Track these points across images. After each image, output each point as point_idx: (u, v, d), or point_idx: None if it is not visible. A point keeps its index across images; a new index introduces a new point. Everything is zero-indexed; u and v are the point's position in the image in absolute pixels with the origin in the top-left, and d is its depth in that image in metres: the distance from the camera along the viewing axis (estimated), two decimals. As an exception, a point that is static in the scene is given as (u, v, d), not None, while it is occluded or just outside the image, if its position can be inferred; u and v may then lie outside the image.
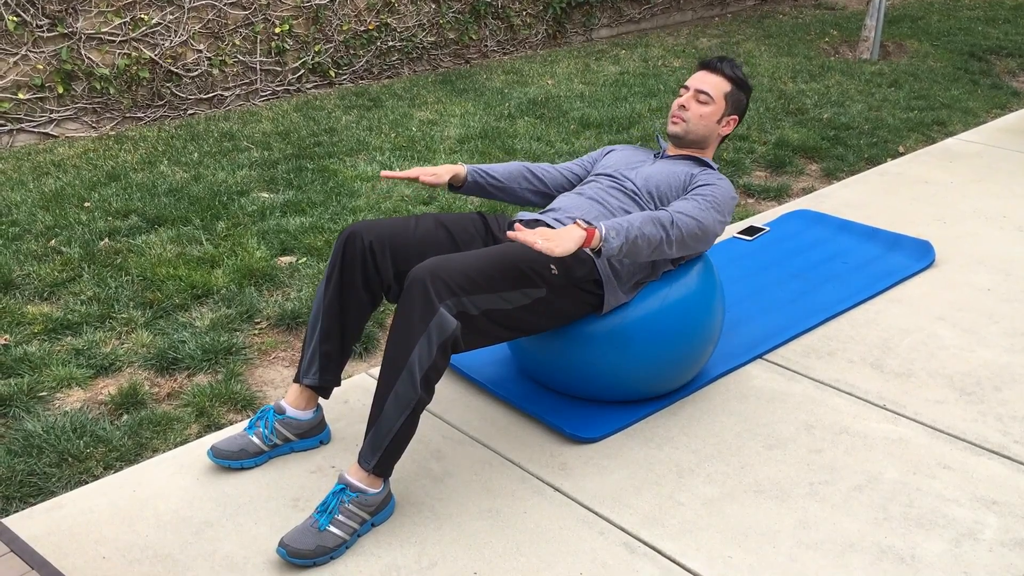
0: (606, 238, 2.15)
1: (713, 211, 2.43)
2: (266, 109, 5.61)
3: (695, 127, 2.62)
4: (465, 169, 2.62)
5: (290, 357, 2.97)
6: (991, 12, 8.84)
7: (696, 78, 2.65)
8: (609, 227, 2.17)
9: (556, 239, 2.05)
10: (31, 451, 2.45)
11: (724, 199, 2.49)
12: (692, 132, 2.62)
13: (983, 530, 2.15)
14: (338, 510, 2.08)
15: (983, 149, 4.92)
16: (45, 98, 4.97)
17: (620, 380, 2.51)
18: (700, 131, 2.62)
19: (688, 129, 2.62)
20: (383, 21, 6.28)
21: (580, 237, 2.09)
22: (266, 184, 4.36)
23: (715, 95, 2.61)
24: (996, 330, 3.05)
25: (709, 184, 2.50)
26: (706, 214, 2.41)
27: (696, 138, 2.63)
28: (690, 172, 2.57)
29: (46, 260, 3.52)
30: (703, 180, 2.53)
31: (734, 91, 2.64)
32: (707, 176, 2.55)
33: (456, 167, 2.60)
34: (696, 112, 2.61)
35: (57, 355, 2.90)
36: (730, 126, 2.67)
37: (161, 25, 5.27)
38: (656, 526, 2.17)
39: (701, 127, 2.62)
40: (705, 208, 2.42)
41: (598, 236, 2.14)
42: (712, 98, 2.61)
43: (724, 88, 2.62)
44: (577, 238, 2.09)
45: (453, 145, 4.92)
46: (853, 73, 6.58)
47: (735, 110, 2.66)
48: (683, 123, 2.62)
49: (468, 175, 2.63)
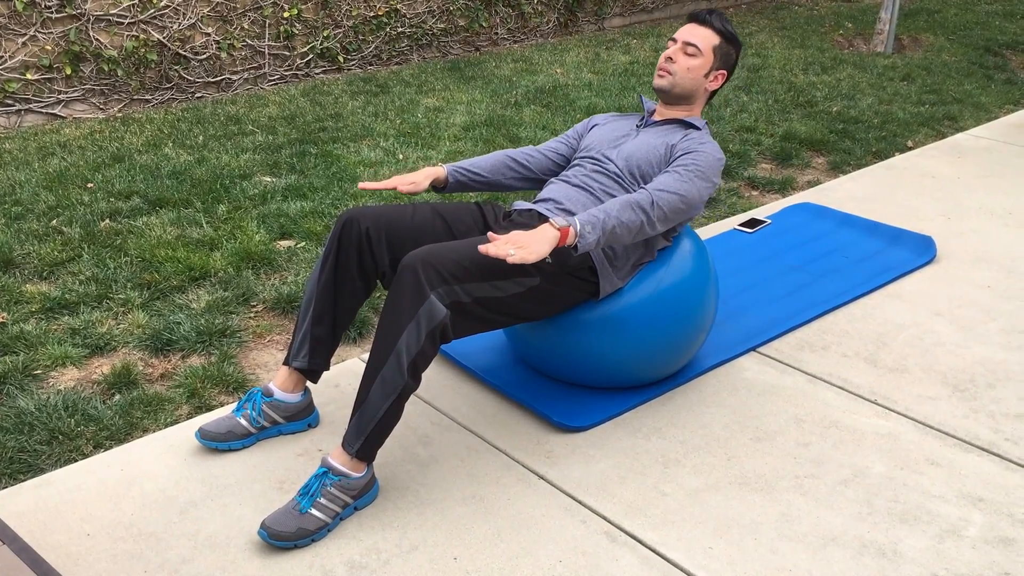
0: (581, 233, 2.12)
1: (697, 179, 2.37)
2: (273, 93, 5.62)
3: (682, 79, 2.54)
4: (445, 170, 2.59)
5: (284, 341, 2.98)
6: (1009, 6, 8.74)
7: (684, 31, 2.57)
8: (584, 221, 2.14)
9: (528, 245, 2.02)
10: (22, 428, 2.47)
11: (709, 164, 2.41)
12: (679, 85, 2.55)
13: (967, 527, 2.13)
14: (320, 493, 2.09)
15: (992, 144, 4.87)
16: (53, 79, 4.99)
17: (613, 365, 2.51)
18: (687, 84, 2.54)
19: (675, 82, 2.54)
20: (392, 7, 6.26)
21: (554, 238, 2.06)
22: (269, 168, 4.36)
23: (703, 47, 2.53)
24: (994, 327, 3.03)
25: (691, 151, 2.43)
26: (689, 185, 2.35)
27: (683, 92, 2.56)
28: (670, 143, 2.50)
29: (47, 240, 3.54)
30: (685, 147, 2.45)
31: (723, 44, 2.56)
32: (689, 142, 2.47)
33: (435, 169, 2.56)
34: (684, 64, 2.53)
35: (53, 334, 2.93)
36: (718, 81, 2.59)
37: (170, 7, 5.28)
38: (639, 516, 2.16)
39: (688, 80, 2.54)
40: (688, 179, 2.36)
41: (573, 233, 2.11)
42: (700, 50, 2.53)
43: (713, 41, 2.54)
44: (551, 239, 2.06)
45: (458, 132, 4.91)
46: (866, 66, 6.53)
47: (723, 64, 2.58)
48: (669, 76, 2.54)
49: (449, 175, 2.59)
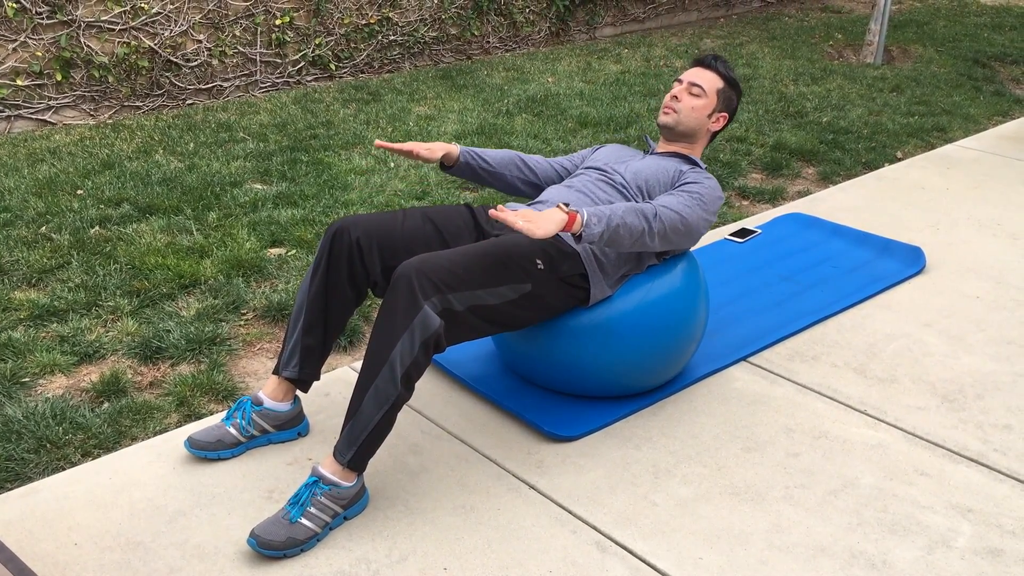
0: (587, 223, 2.16)
1: (699, 208, 2.44)
2: (265, 101, 5.61)
3: (686, 118, 2.62)
4: (459, 149, 2.64)
5: (274, 349, 2.97)
6: (998, 19, 8.81)
7: (690, 72, 2.67)
8: (591, 213, 2.18)
9: (537, 220, 2.06)
10: (10, 436, 2.45)
11: (710, 197, 2.50)
12: (683, 123, 2.63)
13: (956, 538, 2.14)
14: (310, 502, 2.08)
15: (982, 156, 4.90)
16: (43, 85, 4.98)
17: (603, 374, 2.51)
18: (691, 123, 2.63)
19: (679, 120, 2.63)
20: (384, 15, 6.27)
21: (561, 220, 2.10)
22: (260, 176, 4.36)
23: (708, 89, 2.63)
24: (982, 338, 3.04)
25: (696, 182, 2.52)
26: (691, 210, 2.42)
27: (686, 130, 2.63)
28: (679, 168, 2.58)
29: (36, 246, 3.52)
30: (691, 178, 2.54)
31: (726, 89, 2.66)
32: (695, 174, 2.56)
33: (450, 146, 2.62)
34: (688, 104, 2.62)
35: (42, 341, 2.91)
36: (719, 123, 2.68)
37: (161, 14, 5.27)
38: (629, 526, 2.16)
39: (692, 119, 2.62)
40: (691, 204, 2.43)
41: (579, 221, 2.15)
42: (705, 92, 2.62)
43: (717, 84, 2.64)
44: (559, 221, 2.09)
45: (449, 140, 4.91)
46: (855, 77, 6.56)
47: (725, 107, 2.67)
48: (675, 113, 2.63)
49: (460, 155, 2.64)
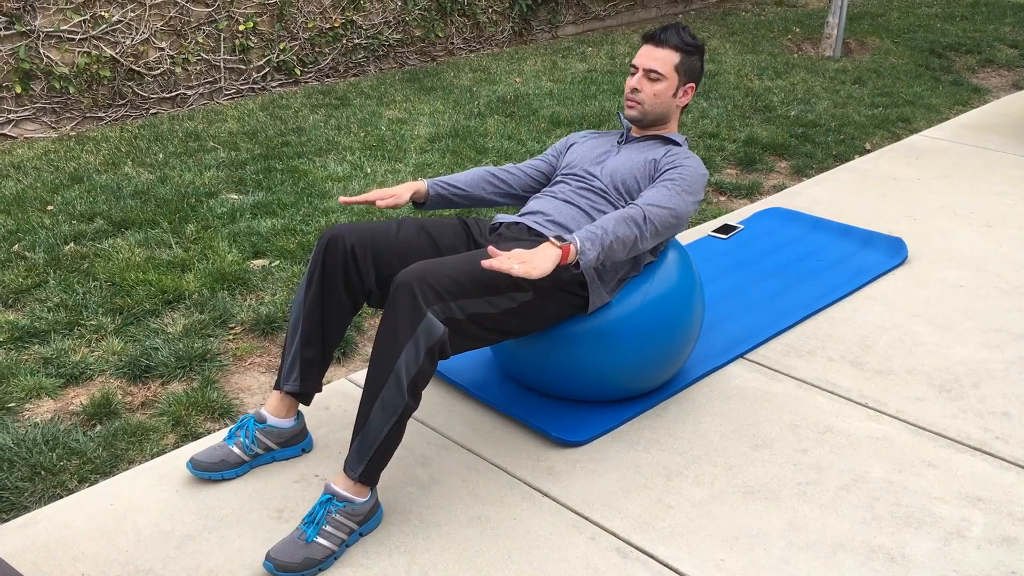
0: (582, 251, 2.14)
1: (684, 194, 2.39)
2: (231, 108, 5.51)
3: (651, 107, 2.53)
4: (426, 184, 2.57)
5: (267, 363, 2.91)
6: (948, 9, 8.98)
7: (643, 55, 2.53)
8: (584, 238, 2.16)
9: (532, 261, 2.03)
10: (1, 465, 2.37)
11: (694, 178, 2.43)
12: (649, 113, 2.54)
13: (970, 528, 2.16)
14: (325, 520, 2.04)
15: (948, 145, 4.99)
16: (3, 98, 4.83)
17: (602, 378, 2.50)
18: (658, 110, 2.54)
19: (644, 111, 2.54)
20: (348, 18, 6.20)
21: (556, 256, 2.07)
22: (235, 185, 4.28)
23: (665, 70, 2.50)
24: (971, 326, 3.09)
25: (676, 166, 2.44)
26: (677, 199, 2.37)
27: (655, 117, 2.56)
28: (653, 158, 2.50)
29: (9, 266, 3.41)
30: (670, 162, 2.46)
31: (684, 59, 2.51)
32: (673, 157, 2.47)
33: (416, 184, 2.55)
34: (649, 92, 2.51)
35: (25, 364, 2.82)
36: (688, 95, 2.57)
37: (122, 23, 5.15)
38: (647, 530, 2.15)
39: (658, 106, 2.53)
40: (676, 193, 2.38)
41: (574, 251, 2.13)
42: (663, 74, 2.50)
43: (673, 60, 2.50)
44: (553, 257, 2.07)
45: (424, 144, 4.87)
46: (817, 70, 6.64)
47: (690, 78, 2.55)
48: (639, 106, 2.53)
49: (429, 189, 2.57)
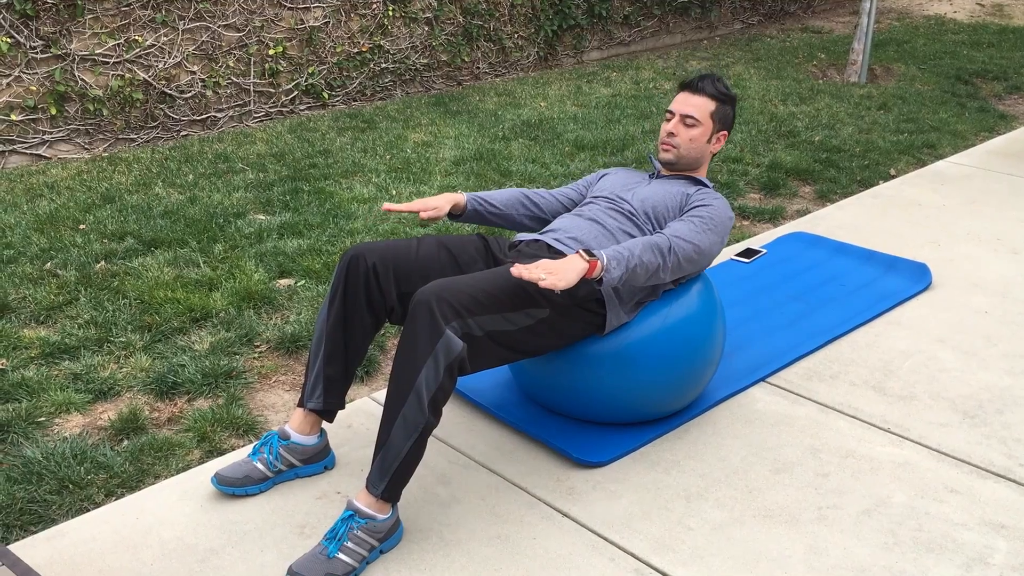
0: (607, 268, 2.17)
1: (711, 233, 2.45)
2: (260, 131, 5.60)
3: (686, 152, 2.62)
4: (465, 198, 2.63)
5: (291, 381, 2.95)
6: (975, 36, 8.95)
7: (680, 102, 2.62)
8: (611, 256, 2.19)
9: (559, 272, 2.05)
10: (31, 478, 2.41)
11: (721, 220, 2.49)
12: (684, 157, 2.62)
13: (993, 554, 2.15)
14: (347, 537, 2.06)
15: (974, 172, 4.97)
16: (38, 119, 4.95)
17: (622, 401, 2.51)
18: (692, 155, 2.62)
19: (680, 155, 2.62)
20: (376, 43, 6.29)
21: (582, 269, 2.10)
22: (262, 206, 4.34)
23: (701, 117, 2.59)
24: (995, 352, 3.07)
25: (706, 205, 2.50)
26: (703, 236, 2.42)
27: (689, 162, 2.64)
28: (686, 192, 2.58)
29: (42, 283, 3.48)
30: (699, 200, 2.53)
31: (719, 108, 2.62)
32: (704, 195, 2.54)
33: (456, 196, 2.60)
34: (685, 137, 2.60)
35: (55, 379, 2.87)
36: (720, 142, 2.66)
37: (155, 47, 5.26)
38: (667, 552, 2.15)
39: (692, 151, 2.62)
40: (702, 231, 2.43)
41: (600, 267, 2.15)
42: (699, 120, 2.59)
43: (709, 108, 2.60)
44: (580, 270, 2.09)
45: (448, 167, 4.92)
46: (842, 96, 6.64)
47: (723, 126, 2.65)
48: (674, 149, 2.61)
49: (468, 203, 2.63)
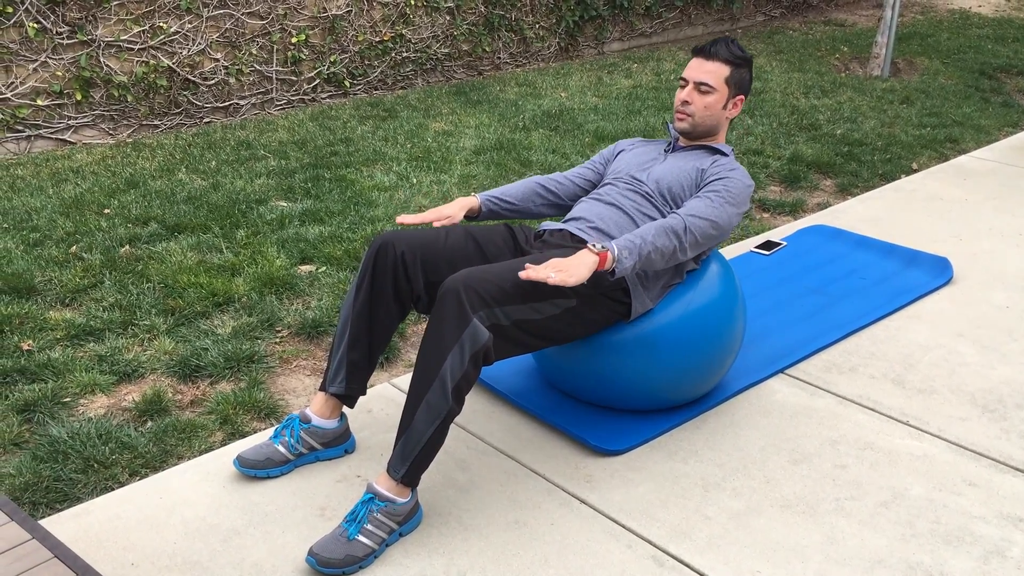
0: (619, 258, 2.17)
1: (728, 206, 2.42)
2: (282, 118, 5.63)
3: (702, 119, 2.56)
4: (479, 200, 2.62)
5: (312, 366, 2.97)
6: (1000, 31, 8.87)
7: (693, 68, 2.56)
8: (621, 247, 2.19)
9: (569, 269, 2.06)
10: (57, 457, 2.45)
11: (739, 190, 2.45)
12: (700, 125, 2.57)
13: (1010, 548, 2.15)
14: (367, 519, 2.08)
15: (996, 167, 4.93)
16: (63, 104, 4.99)
17: (644, 387, 2.52)
18: (708, 122, 2.57)
19: (695, 123, 2.57)
20: (398, 32, 6.30)
21: (592, 263, 2.11)
22: (284, 193, 4.37)
23: (715, 83, 2.53)
24: (1016, 348, 3.06)
25: (722, 177, 2.46)
26: (720, 211, 2.40)
27: (705, 129, 2.59)
28: (700, 167, 2.53)
29: (67, 266, 3.53)
30: (715, 174, 2.49)
31: (734, 72, 2.55)
32: (719, 167, 2.50)
33: (469, 200, 2.60)
34: (700, 104, 2.55)
35: (80, 361, 2.91)
36: (737, 107, 2.59)
37: (179, 34, 5.29)
38: (684, 540, 2.17)
39: (708, 118, 2.56)
40: (719, 205, 2.40)
41: (611, 258, 2.16)
42: (713, 87, 2.53)
43: (723, 73, 2.54)
44: (590, 264, 2.10)
45: (469, 156, 4.93)
46: (864, 89, 6.60)
47: (739, 90, 2.58)
48: (689, 118, 2.57)
49: (482, 205, 2.63)
